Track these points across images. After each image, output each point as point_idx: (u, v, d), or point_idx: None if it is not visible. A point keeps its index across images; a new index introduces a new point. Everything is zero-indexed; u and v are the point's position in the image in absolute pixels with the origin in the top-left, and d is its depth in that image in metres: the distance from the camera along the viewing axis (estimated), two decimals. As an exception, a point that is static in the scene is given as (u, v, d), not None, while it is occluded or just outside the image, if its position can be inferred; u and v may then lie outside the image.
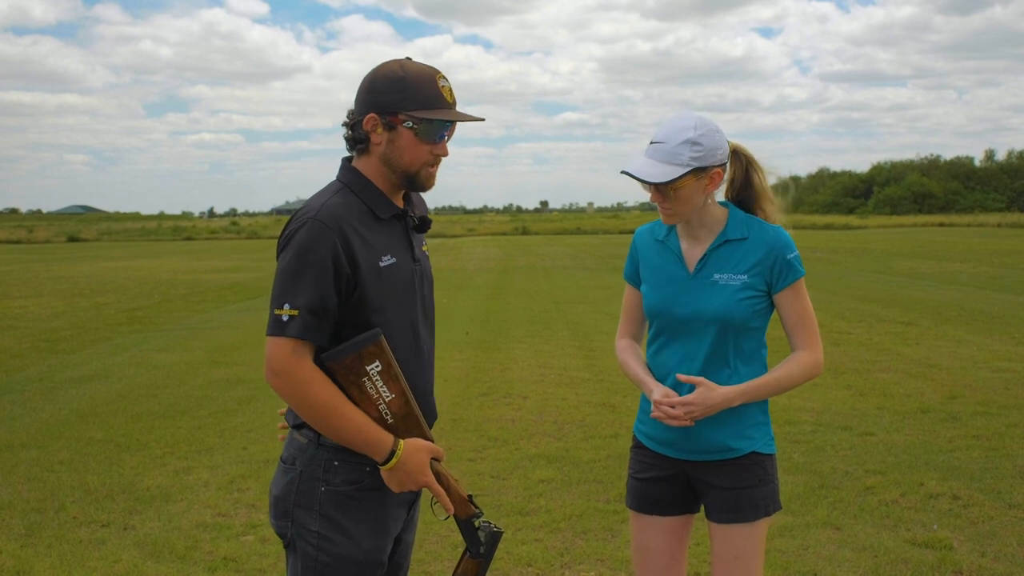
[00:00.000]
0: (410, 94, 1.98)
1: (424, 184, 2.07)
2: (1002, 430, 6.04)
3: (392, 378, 1.98)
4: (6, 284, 19.77)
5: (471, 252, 33.72)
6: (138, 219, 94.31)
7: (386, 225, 2.05)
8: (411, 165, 2.02)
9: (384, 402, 1.98)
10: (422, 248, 2.17)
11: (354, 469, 2.01)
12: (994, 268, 20.38)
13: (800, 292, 2.31)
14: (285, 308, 1.91)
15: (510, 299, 15.73)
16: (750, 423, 2.32)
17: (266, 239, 51.02)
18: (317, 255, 1.92)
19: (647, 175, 2.21)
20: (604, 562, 4.00)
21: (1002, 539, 4.15)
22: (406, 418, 2.01)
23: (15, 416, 6.95)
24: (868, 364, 8.59)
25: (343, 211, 1.97)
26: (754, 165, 2.39)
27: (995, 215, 61.68)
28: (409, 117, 1.97)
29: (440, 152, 2.04)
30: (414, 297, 2.09)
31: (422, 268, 2.15)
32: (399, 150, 2.01)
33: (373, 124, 2.00)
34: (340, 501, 2.00)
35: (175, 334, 11.56)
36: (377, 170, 2.05)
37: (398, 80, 1.99)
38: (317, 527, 1.99)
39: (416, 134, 1.99)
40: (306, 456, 2.03)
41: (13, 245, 45.72)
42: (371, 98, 2.00)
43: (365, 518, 2.02)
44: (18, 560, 4.07)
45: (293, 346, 1.91)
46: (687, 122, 2.23)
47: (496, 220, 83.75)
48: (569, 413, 6.81)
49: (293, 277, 1.92)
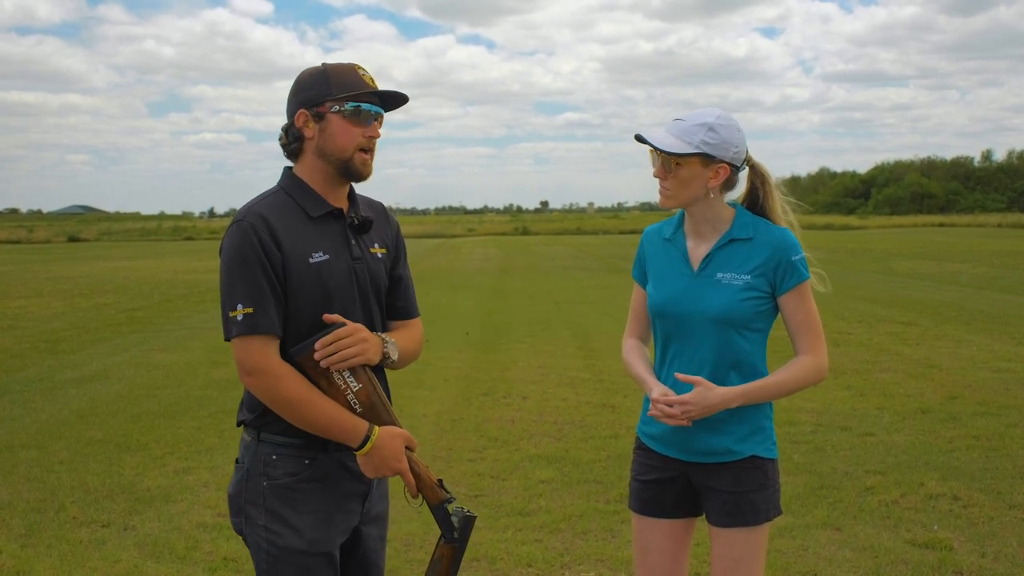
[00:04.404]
0: (333, 83, 2.08)
1: (359, 170, 2.13)
2: (1002, 430, 6.04)
3: (360, 369, 2.06)
4: (6, 284, 19.77)
5: (471, 252, 33.72)
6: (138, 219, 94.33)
7: (319, 223, 2.12)
8: (344, 150, 2.10)
9: (352, 392, 2.05)
10: (370, 250, 2.19)
11: (293, 462, 2.08)
12: (994, 268, 20.38)
13: (804, 295, 2.31)
14: (238, 308, 2.00)
15: (510, 299, 15.73)
16: (752, 426, 2.32)
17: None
18: (248, 255, 2.01)
19: (657, 140, 2.26)
20: (604, 563, 4.00)
21: (1002, 540, 4.15)
22: (373, 407, 2.07)
23: (15, 416, 6.95)
24: (868, 364, 8.59)
25: (269, 210, 2.07)
26: (768, 186, 2.39)
27: (995, 215, 61.62)
28: (335, 102, 2.07)
29: (372, 134, 2.11)
30: (352, 295, 2.13)
31: (367, 268, 2.17)
32: (331, 136, 2.09)
33: (304, 119, 2.10)
34: (282, 494, 2.07)
35: (175, 334, 11.57)
36: (313, 166, 2.13)
37: (320, 74, 2.10)
38: (263, 521, 2.08)
39: (344, 117, 2.08)
40: (249, 453, 2.12)
41: (13, 245, 45.70)
42: (298, 97, 2.11)
43: (308, 509, 2.08)
44: (18, 560, 4.07)
45: (259, 343, 2.00)
46: (712, 111, 2.29)
47: (496, 220, 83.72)
48: (569, 413, 6.81)
49: (234, 280, 2.02)
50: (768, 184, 2.39)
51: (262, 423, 2.11)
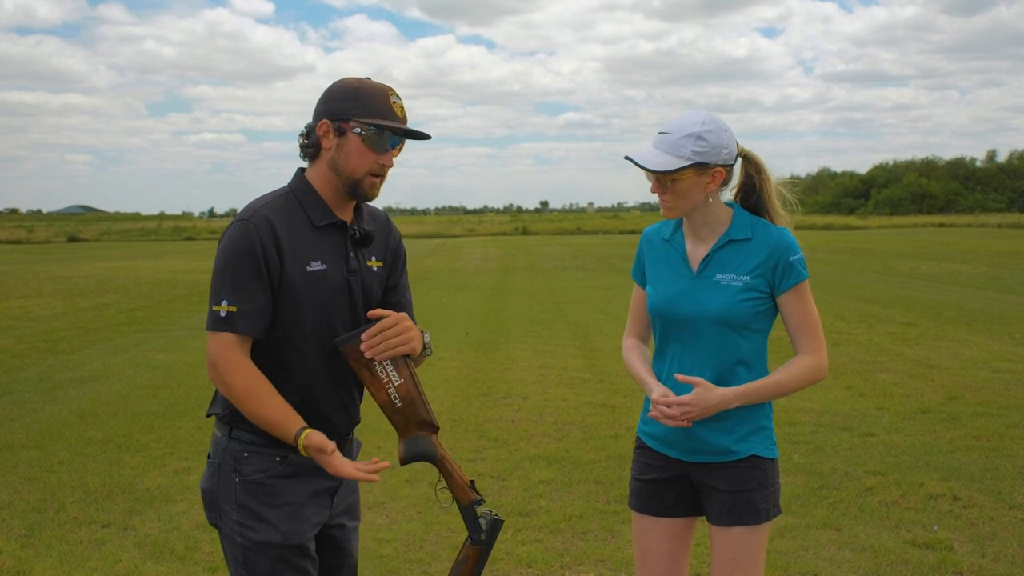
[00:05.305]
0: (362, 103, 2.10)
1: (367, 193, 2.15)
2: (1002, 430, 6.04)
3: (402, 363, 2.08)
4: (6, 284, 19.75)
5: (471, 252, 33.72)
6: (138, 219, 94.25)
7: (321, 233, 2.14)
8: (356, 171, 2.11)
9: (393, 385, 2.08)
10: (367, 263, 2.21)
11: (263, 459, 2.12)
12: (994, 268, 20.38)
13: (803, 295, 2.30)
14: (223, 304, 2.03)
15: (510, 299, 15.73)
16: (752, 426, 2.32)
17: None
18: (245, 253, 2.03)
19: (647, 162, 2.23)
20: (604, 563, 4.00)
21: (1002, 540, 4.15)
22: (413, 403, 2.10)
23: (15, 416, 6.95)
24: (868, 364, 8.59)
25: (275, 214, 2.09)
26: (763, 173, 2.38)
27: (995, 215, 61.61)
28: (359, 124, 2.09)
29: (385, 163, 2.14)
30: (344, 306, 2.16)
31: (362, 281, 2.19)
32: (346, 155, 2.11)
33: (325, 130, 2.12)
34: (253, 489, 2.11)
35: (175, 334, 11.57)
36: (324, 176, 2.15)
37: (352, 91, 2.12)
38: (236, 516, 2.11)
39: (364, 141, 2.10)
40: (220, 449, 2.15)
41: (13, 245, 45.68)
42: (326, 106, 2.13)
43: (279, 503, 2.11)
44: (18, 560, 4.07)
45: (230, 339, 2.03)
46: (696, 117, 2.25)
47: (496, 220, 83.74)
48: (569, 414, 6.81)
49: (225, 275, 2.04)
50: (764, 172, 2.38)
51: (233, 419, 2.14)
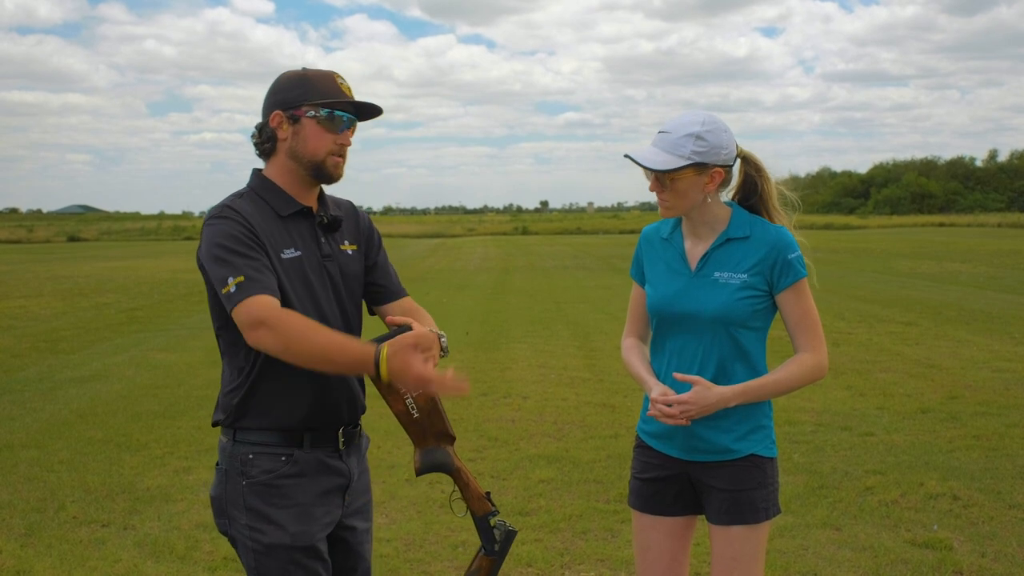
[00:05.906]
0: (311, 88, 2.12)
1: (331, 173, 2.16)
2: (1002, 430, 6.04)
3: None
4: (6, 284, 19.75)
5: (471, 252, 33.71)
6: (138, 219, 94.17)
7: (288, 222, 2.15)
8: (316, 153, 2.13)
9: (411, 396, 2.10)
10: (340, 247, 2.22)
11: (269, 459, 2.10)
12: (994, 268, 20.38)
13: (802, 293, 2.30)
14: (229, 282, 1.99)
15: (510, 299, 15.73)
16: (751, 425, 2.32)
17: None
18: (229, 235, 2.03)
19: (647, 161, 2.24)
20: (604, 562, 4.00)
21: (1002, 540, 4.15)
22: (431, 413, 2.13)
23: (15, 416, 6.95)
24: (868, 364, 8.59)
25: (242, 207, 2.10)
26: (763, 174, 2.39)
27: (995, 215, 61.60)
28: (311, 107, 2.10)
29: (343, 141, 2.15)
30: (326, 291, 2.16)
31: (339, 265, 2.20)
32: (304, 140, 2.12)
33: (279, 121, 2.13)
34: (260, 491, 2.09)
35: (175, 334, 11.57)
36: (284, 167, 2.16)
37: (299, 78, 2.14)
38: (245, 520, 2.09)
39: (319, 123, 2.11)
40: (226, 454, 2.14)
41: (13, 245, 45.67)
42: (275, 98, 2.14)
43: (287, 504, 2.10)
44: (18, 560, 4.07)
45: (260, 299, 1.97)
46: (696, 117, 2.26)
47: (496, 220, 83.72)
48: (569, 413, 6.81)
49: (219, 259, 2.01)
50: (763, 173, 2.39)
51: (237, 423, 2.13)
